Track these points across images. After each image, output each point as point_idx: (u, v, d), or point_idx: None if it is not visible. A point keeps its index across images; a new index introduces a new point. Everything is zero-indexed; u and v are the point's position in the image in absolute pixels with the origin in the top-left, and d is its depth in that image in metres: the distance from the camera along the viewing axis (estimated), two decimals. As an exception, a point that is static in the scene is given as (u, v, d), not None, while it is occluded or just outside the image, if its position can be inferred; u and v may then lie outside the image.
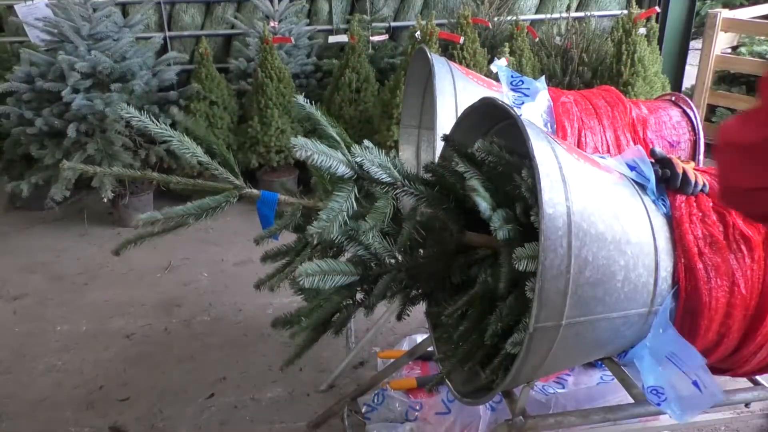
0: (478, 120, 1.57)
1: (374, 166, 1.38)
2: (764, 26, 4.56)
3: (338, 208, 1.32)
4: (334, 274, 1.34)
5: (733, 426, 2.06)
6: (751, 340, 1.46)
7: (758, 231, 1.44)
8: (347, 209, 1.33)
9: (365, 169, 1.37)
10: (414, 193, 1.44)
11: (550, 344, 1.25)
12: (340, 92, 3.63)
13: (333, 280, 1.33)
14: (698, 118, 2.17)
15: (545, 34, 4.08)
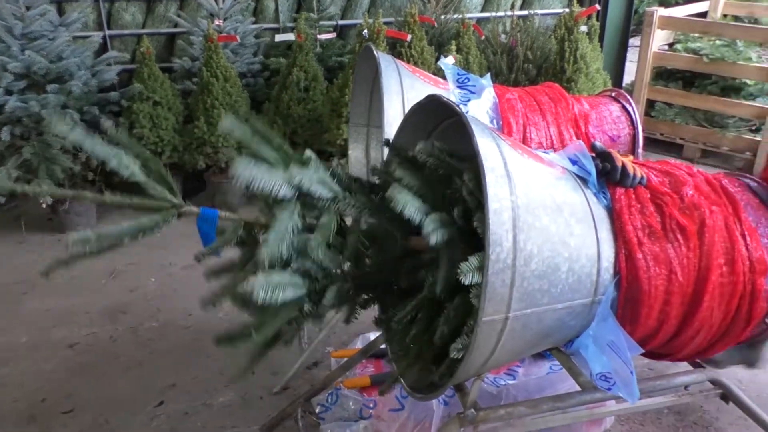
0: (425, 117, 1.58)
1: (314, 184, 1.36)
2: (698, 24, 4.75)
3: (284, 230, 1.31)
4: (285, 286, 1.32)
5: (675, 408, 2.14)
6: (689, 326, 1.52)
7: (693, 221, 1.49)
8: (293, 228, 1.32)
9: (305, 188, 1.35)
10: (355, 206, 1.43)
11: (498, 336, 1.27)
12: (288, 91, 3.59)
13: (284, 292, 1.31)
14: (636, 113, 2.24)
15: (491, 32, 4.14)
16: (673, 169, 1.63)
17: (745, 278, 1.52)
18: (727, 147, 4.37)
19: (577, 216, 1.38)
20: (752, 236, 1.54)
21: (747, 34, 4.42)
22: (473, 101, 2.10)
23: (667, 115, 4.62)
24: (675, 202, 1.51)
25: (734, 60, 4.27)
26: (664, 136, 4.64)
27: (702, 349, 1.66)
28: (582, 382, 1.56)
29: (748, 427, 2.07)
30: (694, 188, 1.56)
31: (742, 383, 2.29)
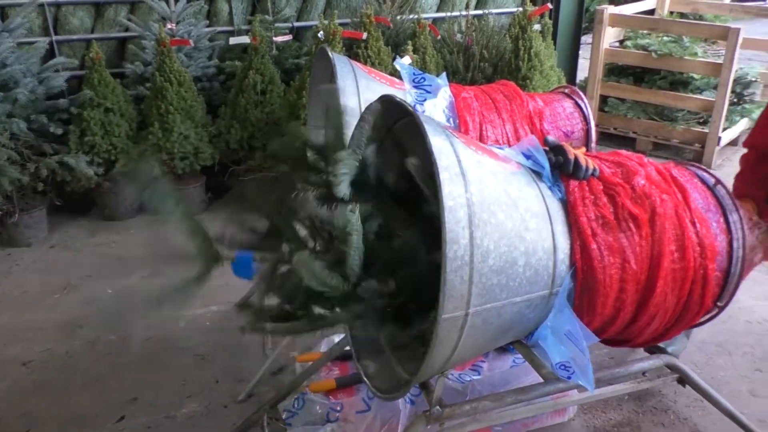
0: (380, 118, 1.58)
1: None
2: (646, 21, 4.88)
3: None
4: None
5: (635, 394, 2.19)
6: (645, 312, 1.56)
7: (644, 209, 1.53)
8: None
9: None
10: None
11: (459, 333, 1.27)
12: (244, 95, 3.55)
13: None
14: (589, 109, 2.29)
15: (447, 31, 4.18)
16: (625, 160, 1.67)
17: (695, 264, 1.57)
18: (677, 139, 4.50)
19: (533, 210, 1.41)
20: (702, 223, 1.59)
21: (692, 30, 4.57)
22: (429, 100, 2.11)
23: (619, 109, 4.73)
24: (627, 192, 1.55)
25: (681, 55, 4.40)
26: (618, 130, 4.76)
27: (658, 334, 1.70)
28: (544, 374, 1.59)
29: (704, 408, 2.14)
30: (645, 178, 1.60)
31: (697, 367, 2.36)
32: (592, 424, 2.11)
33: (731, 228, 1.64)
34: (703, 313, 1.67)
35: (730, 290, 1.65)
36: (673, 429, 2.09)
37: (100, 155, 3.40)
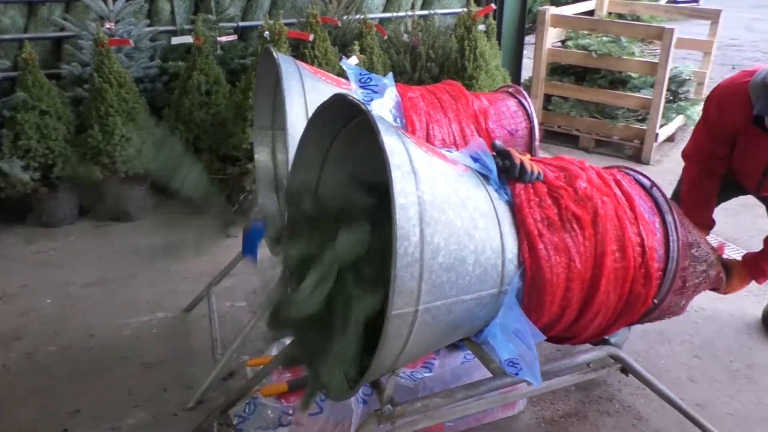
0: (330, 117, 1.58)
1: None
2: (586, 22, 5.03)
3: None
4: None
5: (581, 385, 2.26)
6: (589, 308, 1.61)
7: (587, 211, 1.58)
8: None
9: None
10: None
11: (409, 329, 1.28)
12: (188, 96, 3.47)
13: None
14: (532, 108, 2.34)
15: (393, 32, 4.20)
16: (567, 164, 1.72)
17: (635, 263, 1.63)
18: (617, 136, 4.65)
19: (481, 210, 1.43)
20: (640, 224, 1.65)
21: (630, 30, 4.73)
22: (376, 101, 2.11)
23: (562, 108, 4.86)
24: (570, 195, 1.59)
25: (620, 55, 4.55)
26: (561, 128, 4.88)
27: (601, 331, 1.76)
28: (493, 369, 1.61)
29: (646, 396, 2.22)
30: (587, 181, 1.65)
31: (639, 355, 2.45)
32: (541, 416, 2.16)
33: (668, 228, 1.71)
34: (643, 309, 1.73)
35: (667, 287, 1.71)
36: (617, 417, 2.16)
37: (36, 159, 3.26)
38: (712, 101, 2.15)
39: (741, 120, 2.03)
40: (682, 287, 1.83)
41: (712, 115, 2.14)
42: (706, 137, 2.20)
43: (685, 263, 1.78)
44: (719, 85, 2.13)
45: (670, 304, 1.85)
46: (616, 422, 2.13)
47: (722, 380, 2.34)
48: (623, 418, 2.15)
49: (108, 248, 3.27)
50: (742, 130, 2.06)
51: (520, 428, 2.11)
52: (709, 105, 2.17)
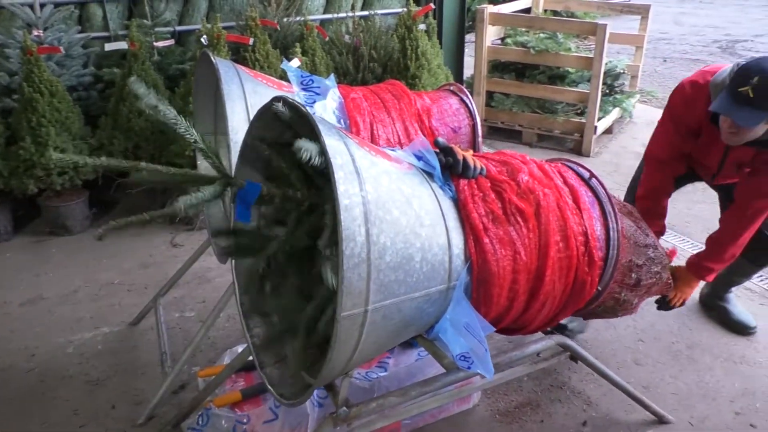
0: (271, 120, 1.56)
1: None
2: (523, 19, 5.15)
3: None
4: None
5: (533, 375, 2.31)
6: (536, 299, 1.65)
7: (530, 204, 1.62)
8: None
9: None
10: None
11: (360, 330, 1.28)
12: (126, 103, 3.37)
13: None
14: (473, 105, 2.37)
15: (335, 33, 4.19)
16: (509, 159, 1.75)
17: (578, 252, 1.67)
18: (558, 130, 4.78)
19: (426, 208, 1.44)
20: (581, 214, 1.70)
21: (565, 26, 4.87)
22: (319, 102, 2.10)
23: (505, 104, 4.95)
24: (513, 189, 1.62)
25: (557, 51, 4.68)
26: (504, 124, 4.98)
27: (549, 320, 1.80)
28: (446, 365, 1.63)
29: (595, 381, 2.29)
30: (528, 174, 1.69)
31: (587, 342, 2.53)
32: (496, 408, 2.20)
33: (607, 217, 1.76)
34: (588, 297, 1.78)
35: (609, 274, 1.76)
36: (568, 403, 2.21)
37: (-37, 174, 3.11)
38: (676, 99, 2.22)
39: (704, 116, 2.11)
40: (636, 285, 1.89)
41: (679, 110, 2.21)
42: (674, 133, 2.26)
43: (632, 258, 1.85)
44: (684, 81, 2.20)
45: (624, 301, 1.91)
46: (568, 409, 2.19)
47: (665, 361, 2.43)
48: (574, 404, 2.21)
49: (46, 264, 3.14)
50: (705, 125, 2.15)
51: (476, 421, 2.14)
52: (675, 101, 2.23)
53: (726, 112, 1.91)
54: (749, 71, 1.87)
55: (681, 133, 2.24)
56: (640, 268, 1.88)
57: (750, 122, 1.88)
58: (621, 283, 1.86)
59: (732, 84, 1.90)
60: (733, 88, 1.89)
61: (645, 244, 1.91)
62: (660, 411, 2.11)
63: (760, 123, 1.88)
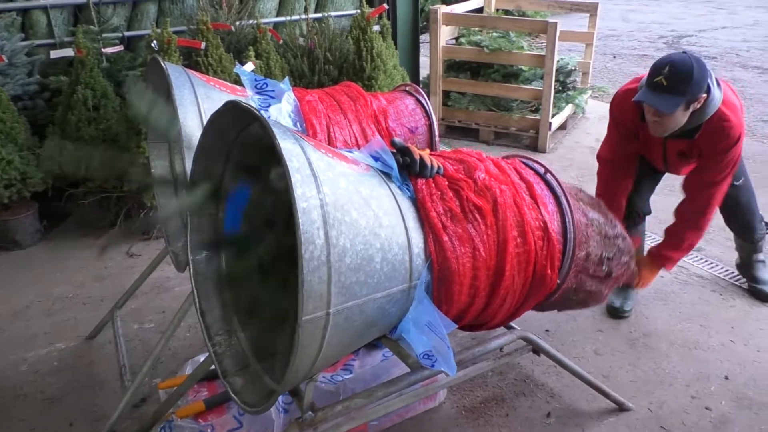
0: (225, 125, 1.54)
1: None
2: (475, 18, 5.21)
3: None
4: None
5: (497, 370, 2.34)
6: (497, 294, 1.67)
7: (487, 201, 1.64)
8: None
9: None
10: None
11: (322, 333, 1.27)
12: (74, 112, 3.27)
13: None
14: (429, 105, 2.39)
15: (289, 35, 4.16)
16: (466, 157, 1.77)
17: (536, 246, 1.70)
18: (514, 127, 4.85)
19: (385, 208, 1.44)
20: (537, 208, 1.73)
21: (517, 25, 4.95)
22: (274, 106, 2.08)
23: (461, 103, 5.01)
24: (470, 186, 1.64)
25: (509, 49, 4.75)
26: (462, 122, 5.03)
27: (510, 314, 1.82)
28: (410, 364, 1.64)
29: (558, 373, 2.33)
30: (485, 171, 1.71)
31: (549, 335, 2.57)
32: (462, 404, 2.21)
33: (563, 210, 1.80)
34: (548, 290, 1.81)
35: (567, 267, 1.80)
36: (532, 396, 2.25)
37: None
38: (614, 105, 2.46)
39: (635, 117, 2.35)
40: (608, 277, 1.95)
41: (617, 114, 2.45)
42: (616, 135, 2.49)
43: (602, 252, 1.89)
44: (618, 91, 2.45)
45: (595, 292, 1.96)
46: (532, 401, 2.22)
47: (624, 350, 2.49)
48: (538, 397, 2.25)
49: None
50: (639, 125, 2.36)
51: (442, 419, 2.16)
52: (612, 108, 2.47)
53: (645, 99, 2.14)
54: (661, 63, 2.13)
55: (622, 135, 2.45)
56: (610, 260, 1.94)
57: (668, 107, 2.10)
58: (593, 276, 1.90)
59: (649, 77, 2.15)
60: (650, 80, 2.14)
61: (614, 235, 1.97)
62: (620, 399, 2.17)
63: (678, 108, 2.11)
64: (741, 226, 2.72)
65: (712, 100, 2.18)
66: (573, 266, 1.83)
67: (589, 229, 1.87)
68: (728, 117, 2.21)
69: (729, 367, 2.38)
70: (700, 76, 2.09)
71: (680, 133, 2.26)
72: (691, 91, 2.09)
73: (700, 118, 2.21)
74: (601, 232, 1.92)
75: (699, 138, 2.26)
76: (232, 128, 1.55)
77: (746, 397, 2.23)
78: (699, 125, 2.23)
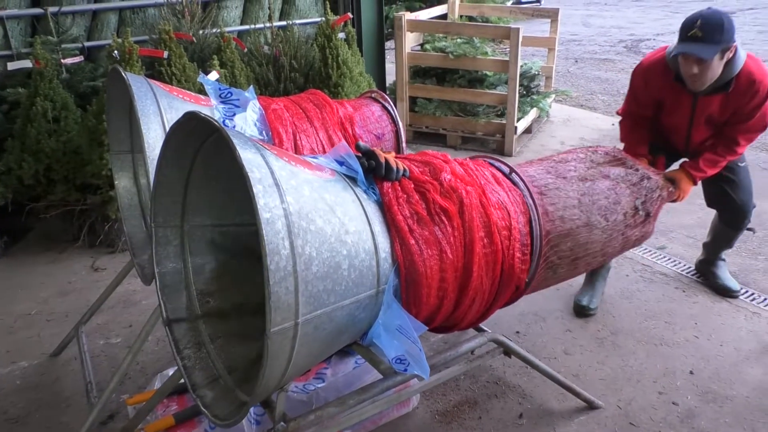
0: (186, 136, 1.52)
1: None
2: (440, 25, 5.26)
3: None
4: None
5: (469, 373, 2.35)
6: (466, 295, 1.68)
7: (453, 202, 1.65)
8: None
9: None
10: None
11: (291, 344, 1.26)
12: (34, 124, 3.20)
13: None
14: (395, 111, 2.40)
15: (253, 44, 4.14)
16: (431, 159, 1.78)
17: (503, 246, 1.72)
18: (481, 132, 4.91)
19: (350, 214, 1.44)
20: (503, 208, 1.75)
21: (480, 31, 5.01)
22: (239, 115, 2.07)
23: (428, 109, 5.04)
24: (436, 188, 1.65)
25: (474, 55, 4.81)
26: (429, 128, 5.06)
27: (480, 315, 1.84)
28: (383, 370, 1.63)
29: (529, 374, 2.35)
30: (451, 173, 1.72)
31: (519, 336, 2.60)
32: (435, 409, 2.22)
33: (529, 210, 1.83)
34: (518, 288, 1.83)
35: (535, 265, 1.83)
36: (504, 398, 2.27)
37: None
38: (638, 75, 2.61)
39: (664, 83, 2.51)
40: (648, 216, 2.20)
41: (639, 86, 2.61)
42: (634, 103, 2.68)
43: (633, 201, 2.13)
44: (642, 62, 2.61)
45: (644, 234, 2.23)
46: (504, 403, 2.24)
47: (592, 349, 2.53)
48: (510, 398, 2.26)
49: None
50: (667, 91, 2.53)
51: (416, 424, 2.16)
52: (635, 79, 2.63)
53: (686, 50, 2.27)
54: (692, 19, 2.30)
55: (640, 103, 2.65)
56: (644, 203, 2.18)
57: (708, 54, 2.25)
58: (634, 225, 2.13)
59: (682, 33, 2.32)
60: (684, 35, 2.30)
61: (638, 180, 2.20)
62: (590, 397, 2.20)
63: (715, 54, 2.26)
64: (736, 208, 2.77)
65: (739, 53, 2.35)
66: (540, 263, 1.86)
67: (617, 187, 2.11)
68: (756, 70, 2.39)
69: (694, 362, 2.44)
70: (729, 25, 2.26)
71: (713, 88, 2.41)
72: (725, 39, 2.25)
73: (731, 72, 2.36)
74: (627, 181, 2.15)
75: (732, 92, 2.41)
76: (194, 138, 1.53)
77: (711, 390, 2.29)
78: (731, 79, 2.38)
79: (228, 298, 1.69)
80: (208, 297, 1.68)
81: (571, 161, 2.17)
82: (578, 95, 6.60)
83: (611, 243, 2.09)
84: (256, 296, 1.65)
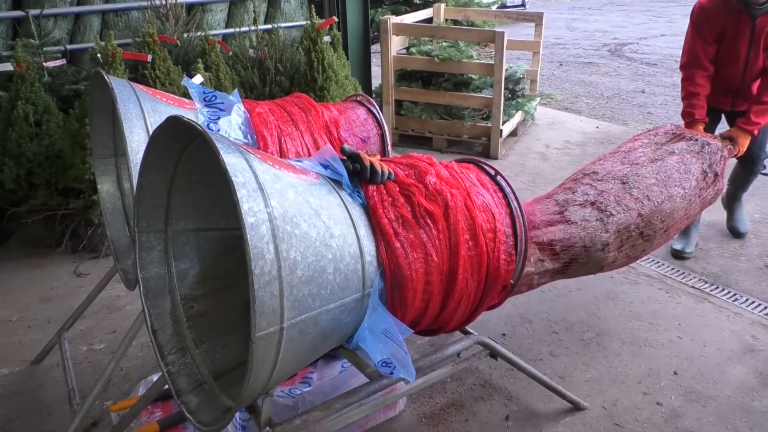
0: (169, 140, 1.51)
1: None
2: (425, 28, 5.28)
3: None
4: None
5: (456, 375, 2.36)
6: (451, 298, 1.68)
7: (438, 205, 1.65)
8: None
9: None
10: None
11: (277, 348, 1.26)
12: (15, 128, 3.16)
13: None
14: (380, 114, 2.40)
15: (238, 47, 4.12)
16: (416, 162, 1.79)
17: (488, 248, 1.72)
18: (466, 135, 4.93)
19: (335, 218, 1.44)
20: (488, 211, 1.75)
21: (466, 35, 5.03)
22: (223, 118, 2.06)
23: (414, 112, 5.05)
24: (421, 191, 1.65)
25: (459, 58, 4.83)
26: (415, 131, 5.07)
27: (467, 317, 1.84)
28: (369, 374, 1.63)
29: (515, 376, 2.36)
30: (436, 176, 1.72)
31: (505, 338, 2.61)
32: (422, 412, 2.22)
33: (513, 212, 1.83)
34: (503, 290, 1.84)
35: (520, 267, 1.83)
36: (491, 400, 2.27)
37: None
38: (697, 13, 2.92)
39: (725, 9, 2.80)
40: (716, 177, 2.45)
41: (701, 21, 2.90)
42: (698, 39, 2.91)
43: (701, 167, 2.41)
44: (697, 3, 2.93)
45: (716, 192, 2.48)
46: (490, 405, 2.25)
47: (578, 350, 2.55)
48: (496, 401, 2.27)
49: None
50: (728, 17, 2.81)
51: (403, 427, 2.16)
52: (696, 16, 2.93)
53: None
54: None
55: (704, 38, 2.90)
56: (711, 166, 2.42)
57: None
58: (706, 187, 2.39)
59: None
60: None
61: (701, 147, 2.46)
62: (575, 398, 2.21)
63: None
64: (751, 156, 3.08)
65: None
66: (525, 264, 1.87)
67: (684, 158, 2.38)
68: None
69: (678, 363, 2.46)
70: None
71: None
72: None
73: None
74: (691, 152, 2.42)
75: None
76: (177, 142, 1.52)
77: (695, 390, 2.31)
78: None
79: (212, 303, 1.67)
80: (193, 302, 1.67)
81: (638, 148, 2.47)
82: (563, 98, 6.65)
83: (692, 206, 2.37)
84: (240, 301, 1.64)
